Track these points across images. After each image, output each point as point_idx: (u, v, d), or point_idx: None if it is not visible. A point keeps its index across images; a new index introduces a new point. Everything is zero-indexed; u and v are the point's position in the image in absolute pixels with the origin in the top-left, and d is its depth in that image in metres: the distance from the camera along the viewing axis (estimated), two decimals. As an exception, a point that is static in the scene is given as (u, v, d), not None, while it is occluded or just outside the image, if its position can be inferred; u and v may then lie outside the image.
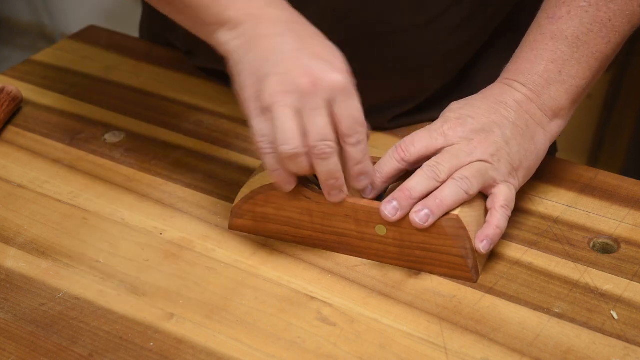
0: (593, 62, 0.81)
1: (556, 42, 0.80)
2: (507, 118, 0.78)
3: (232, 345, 0.71)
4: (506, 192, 0.77)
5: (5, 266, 0.79)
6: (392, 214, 0.74)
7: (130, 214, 0.85)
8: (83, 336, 0.72)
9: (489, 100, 0.79)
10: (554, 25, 0.81)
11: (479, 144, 0.76)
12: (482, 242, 0.75)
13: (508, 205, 0.76)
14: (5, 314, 0.74)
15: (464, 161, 0.76)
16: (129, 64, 1.10)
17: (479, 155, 0.76)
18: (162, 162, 0.93)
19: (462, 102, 0.80)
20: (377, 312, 0.74)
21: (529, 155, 0.79)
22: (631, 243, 0.81)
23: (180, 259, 0.80)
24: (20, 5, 2.76)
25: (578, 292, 0.76)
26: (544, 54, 0.80)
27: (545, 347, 0.71)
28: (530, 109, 0.79)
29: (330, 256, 0.80)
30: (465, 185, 0.74)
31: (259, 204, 0.81)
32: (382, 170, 0.77)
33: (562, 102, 0.81)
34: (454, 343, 0.71)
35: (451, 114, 0.78)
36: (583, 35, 0.80)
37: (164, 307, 0.75)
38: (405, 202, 0.74)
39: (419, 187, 0.74)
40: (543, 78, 0.80)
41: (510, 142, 0.78)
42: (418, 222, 0.74)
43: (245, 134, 0.97)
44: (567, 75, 0.80)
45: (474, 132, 0.77)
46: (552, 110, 0.80)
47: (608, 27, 0.81)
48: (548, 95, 0.80)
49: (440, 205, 0.74)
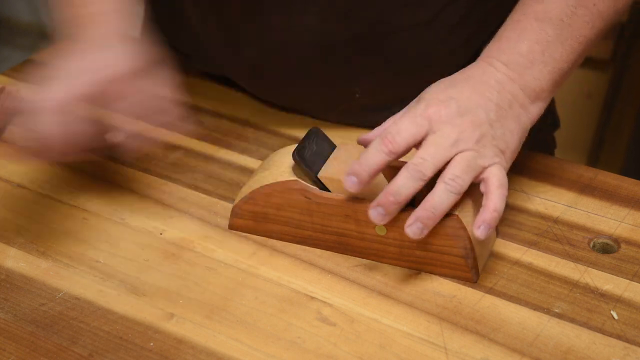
0: (577, 45, 0.80)
1: (540, 22, 0.79)
2: (490, 100, 0.76)
3: (232, 345, 0.71)
4: (498, 173, 0.75)
5: (5, 266, 0.79)
6: (379, 220, 0.74)
7: (130, 214, 0.85)
8: (83, 336, 0.72)
9: (472, 81, 0.77)
10: (539, 6, 0.80)
11: (465, 128, 0.74)
12: (479, 228, 0.73)
13: (502, 185, 0.74)
14: (5, 314, 0.74)
15: (450, 153, 0.73)
16: (129, 64, 1.10)
17: (464, 144, 0.74)
18: (162, 162, 0.93)
19: (444, 82, 0.78)
20: (377, 312, 0.74)
21: (514, 136, 0.77)
22: (631, 243, 0.81)
23: (180, 259, 0.80)
24: (20, 5, 2.76)
25: (578, 292, 0.76)
26: (527, 34, 0.79)
27: (545, 347, 0.71)
28: (513, 90, 0.78)
29: (330, 256, 0.80)
30: (457, 185, 0.73)
31: (259, 204, 0.81)
32: (369, 163, 0.74)
33: (544, 84, 0.79)
34: (454, 343, 0.71)
35: (434, 96, 0.76)
36: (567, 18, 0.79)
37: (164, 307, 0.75)
38: (392, 208, 0.73)
39: (404, 191, 0.72)
40: (526, 58, 0.78)
41: (495, 125, 0.76)
42: (412, 236, 0.73)
43: (246, 134, 0.97)
44: (550, 57, 0.79)
45: (458, 115, 0.74)
46: (534, 92, 0.79)
47: (593, 11, 0.80)
48: (531, 76, 0.78)
49: (433, 217, 0.73)
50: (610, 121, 1.83)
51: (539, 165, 0.91)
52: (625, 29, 1.70)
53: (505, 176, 0.76)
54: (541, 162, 0.91)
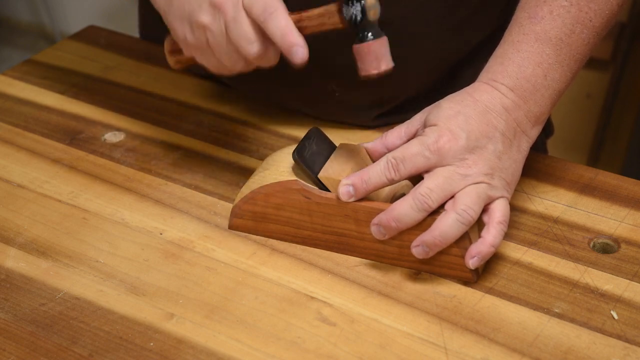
0: (573, 64, 0.80)
1: (541, 44, 0.79)
2: (497, 128, 0.77)
3: (232, 345, 0.71)
4: (503, 208, 0.76)
5: (5, 266, 0.79)
6: (379, 237, 0.76)
7: (130, 214, 0.85)
8: (83, 336, 0.72)
9: (479, 107, 0.77)
10: (537, 26, 0.79)
11: (474, 163, 0.75)
12: (472, 258, 0.75)
13: (505, 220, 0.76)
14: (5, 314, 0.74)
15: (458, 186, 0.75)
16: (128, 64, 1.10)
17: (474, 177, 0.75)
18: (162, 162, 0.93)
19: (452, 107, 0.78)
20: (377, 312, 0.74)
21: (518, 167, 0.79)
22: (631, 243, 0.81)
23: (180, 259, 0.80)
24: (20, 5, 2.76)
25: (578, 292, 0.76)
26: (530, 56, 0.79)
27: (545, 347, 0.71)
28: (518, 117, 0.78)
29: (330, 256, 0.80)
30: (468, 217, 0.74)
31: (259, 204, 0.81)
32: (369, 182, 0.75)
33: (545, 108, 0.80)
34: (454, 343, 0.71)
35: (444, 124, 0.76)
36: (566, 37, 0.79)
37: (164, 307, 0.75)
38: (393, 231, 0.75)
39: (406, 220, 0.74)
40: (530, 83, 0.79)
41: (502, 157, 0.77)
42: (417, 255, 0.75)
43: (246, 134, 0.97)
44: (552, 79, 0.79)
45: (468, 150, 0.75)
46: (535, 117, 0.79)
47: (589, 27, 0.80)
48: (533, 102, 0.79)
49: (440, 245, 0.74)
50: (610, 121, 1.83)
51: (539, 165, 0.91)
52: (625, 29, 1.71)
53: (509, 211, 0.77)
54: (541, 162, 0.91)
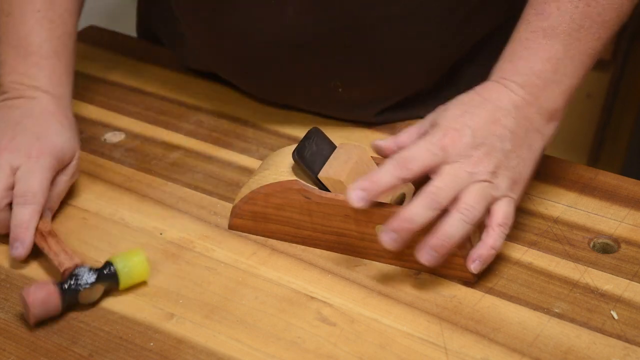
0: (585, 59, 0.80)
1: (549, 40, 0.79)
2: (506, 127, 0.76)
3: (232, 345, 0.71)
4: (505, 209, 0.75)
5: (5, 266, 0.79)
6: (392, 246, 0.74)
7: (130, 214, 0.85)
8: (83, 336, 0.72)
9: (488, 106, 0.77)
10: (545, 22, 0.79)
11: (480, 160, 0.75)
12: (473, 262, 0.75)
13: (506, 222, 0.75)
14: (5, 314, 0.74)
15: (465, 183, 0.74)
16: (128, 64, 1.10)
17: (480, 175, 0.74)
18: (162, 162, 0.93)
19: (459, 106, 0.78)
20: (377, 312, 0.74)
21: (528, 165, 0.78)
22: (631, 243, 0.81)
23: (180, 259, 0.80)
24: (20, 5, 2.75)
25: (578, 292, 0.76)
26: (538, 53, 0.79)
27: (545, 347, 0.71)
28: (529, 114, 0.78)
29: (330, 256, 0.80)
30: (471, 215, 0.73)
31: (259, 204, 0.81)
32: (381, 183, 0.74)
33: (558, 104, 0.79)
34: (454, 343, 0.71)
35: (450, 123, 0.76)
36: (575, 32, 0.79)
37: (164, 307, 0.75)
38: (405, 234, 0.73)
39: (419, 220, 0.73)
40: (540, 79, 0.78)
41: (510, 156, 0.76)
42: (425, 263, 0.74)
43: (245, 134, 0.97)
44: (562, 74, 0.79)
45: (474, 147, 0.75)
46: (549, 113, 0.79)
47: (598, 22, 0.79)
48: (545, 98, 0.79)
49: (447, 247, 0.73)
50: (610, 121, 1.83)
51: (539, 165, 0.91)
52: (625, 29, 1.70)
53: (512, 212, 0.76)
54: (541, 162, 0.91)
